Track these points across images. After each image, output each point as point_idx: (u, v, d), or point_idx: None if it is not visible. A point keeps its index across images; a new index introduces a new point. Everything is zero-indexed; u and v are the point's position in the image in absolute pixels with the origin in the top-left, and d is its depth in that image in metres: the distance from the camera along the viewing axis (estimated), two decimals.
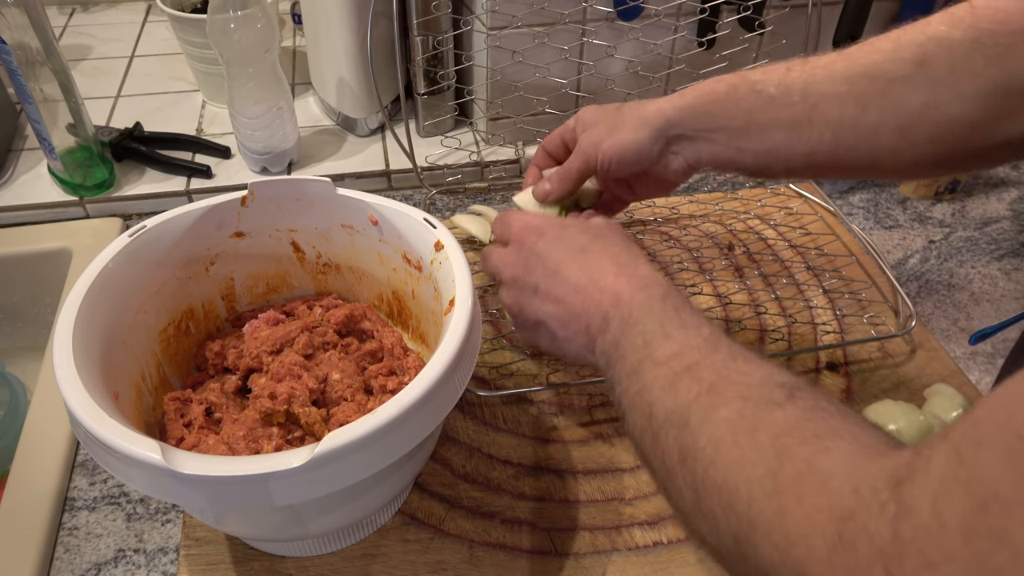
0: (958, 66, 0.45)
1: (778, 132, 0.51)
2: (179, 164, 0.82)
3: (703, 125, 0.54)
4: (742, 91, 0.52)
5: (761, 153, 0.53)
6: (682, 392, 0.37)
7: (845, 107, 0.49)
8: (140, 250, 0.50)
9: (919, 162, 0.48)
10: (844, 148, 0.50)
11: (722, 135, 0.54)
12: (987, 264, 0.77)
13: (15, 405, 0.70)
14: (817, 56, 0.51)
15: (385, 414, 0.39)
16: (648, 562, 0.52)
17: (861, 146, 0.49)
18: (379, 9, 0.78)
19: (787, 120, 0.51)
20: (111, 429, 0.38)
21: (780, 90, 0.51)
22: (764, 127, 0.52)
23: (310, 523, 0.46)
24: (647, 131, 0.55)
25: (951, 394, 0.60)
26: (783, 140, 0.52)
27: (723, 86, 0.53)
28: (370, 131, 0.89)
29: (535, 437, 0.59)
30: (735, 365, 0.37)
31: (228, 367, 0.55)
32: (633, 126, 0.56)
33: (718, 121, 0.53)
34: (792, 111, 0.51)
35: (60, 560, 0.52)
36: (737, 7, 0.80)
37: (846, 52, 0.50)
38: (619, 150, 0.56)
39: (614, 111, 0.58)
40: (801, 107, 0.50)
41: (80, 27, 1.08)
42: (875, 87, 0.48)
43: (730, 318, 0.69)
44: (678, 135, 0.55)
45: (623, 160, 0.56)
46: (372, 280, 0.59)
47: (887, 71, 0.47)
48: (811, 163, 0.52)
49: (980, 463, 0.23)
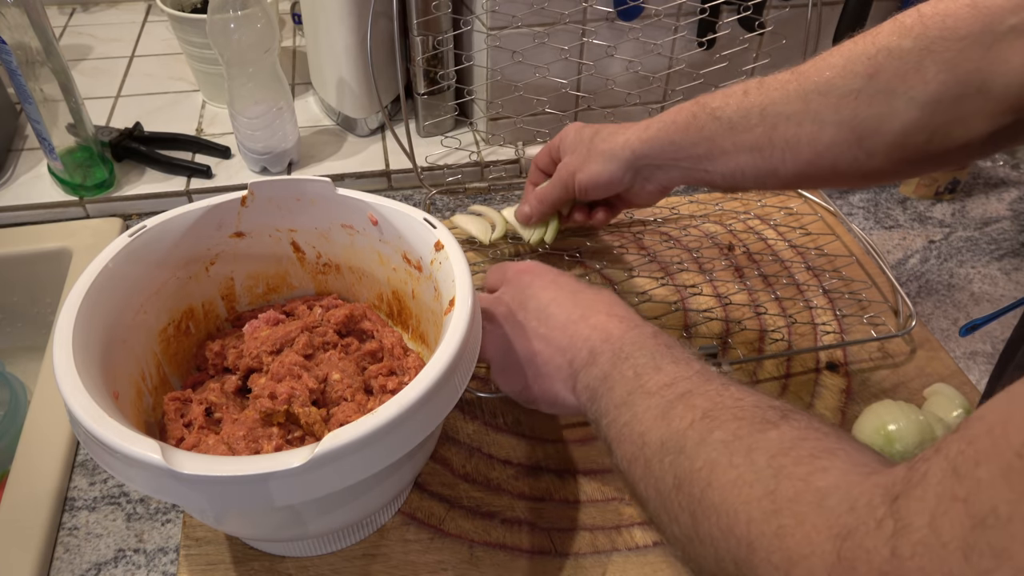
0: (910, 75, 0.45)
1: (741, 155, 0.53)
2: (179, 164, 0.82)
3: (668, 154, 0.57)
4: (702, 119, 0.55)
5: (728, 174, 0.55)
6: (676, 420, 0.37)
7: (802, 125, 0.50)
8: (140, 250, 0.50)
9: (881, 169, 0.49)
10: (805, 163, 0.51)
11: (688, 161, 0.57)
12: (987, 264, 0.77)
13: (15, 405, 0.70)
14: (772, 76, 0.52)
15: (385, 414, 0.39)
16: (648, 562, 0.52)
17: (822, 161, 0.50)
18: (379, 9, 0.78)
19: (748, 143, 0.53)
20: (111, 429, 0.38)
21: (739, 115, 0.53)
22: (727, 151, 0.54)
23: (310, 523, 0.46)
24: (615, 164, 0.60)
25: (951, 394, 0.60)
26: (747, 161, 0.53)
27: (684, 115, 0.56)
28: (370, 131, 0.89)
29: (535, 437, 0.59)
30: (728, 392, 0.37)
31: (228, 367, 0.55)
32: (603, 159, 0.60)
33: (682, 150, 0.56)
34: (752, 134, 0.52)
35: (60, 560, 0.52)
36: (737, 7, 0.80)
37: (799, 70, 0.51)
38: (591, 180, 0.61)
39: (589, 139, 0.62)
40: (761, 130, 0.52)
41: (80, 27, 1.08)
42: (828, 103, 0.49)
43: (730, 318, 0.69)
44: (646, 165, 0.59)
45: (596, 189, 0.62)
46: (372, 280, 0.59)
47: (839, 86, 0.48)
48: (777, 178, 0.53)
49: (978, 480, 0.23)
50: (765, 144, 0.52)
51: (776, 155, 0.52)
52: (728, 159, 0.54)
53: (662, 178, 0.60)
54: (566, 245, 0.76)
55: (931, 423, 0.56)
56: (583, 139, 0.63)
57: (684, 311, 0.70)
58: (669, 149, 0.57)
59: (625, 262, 0.74)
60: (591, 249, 0.76)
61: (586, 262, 0.74)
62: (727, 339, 0.67)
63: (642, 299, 0.70)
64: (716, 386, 0.38)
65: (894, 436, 0.55)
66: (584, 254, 0.75)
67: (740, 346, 0.67)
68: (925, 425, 0.55)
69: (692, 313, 0.69)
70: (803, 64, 0.51)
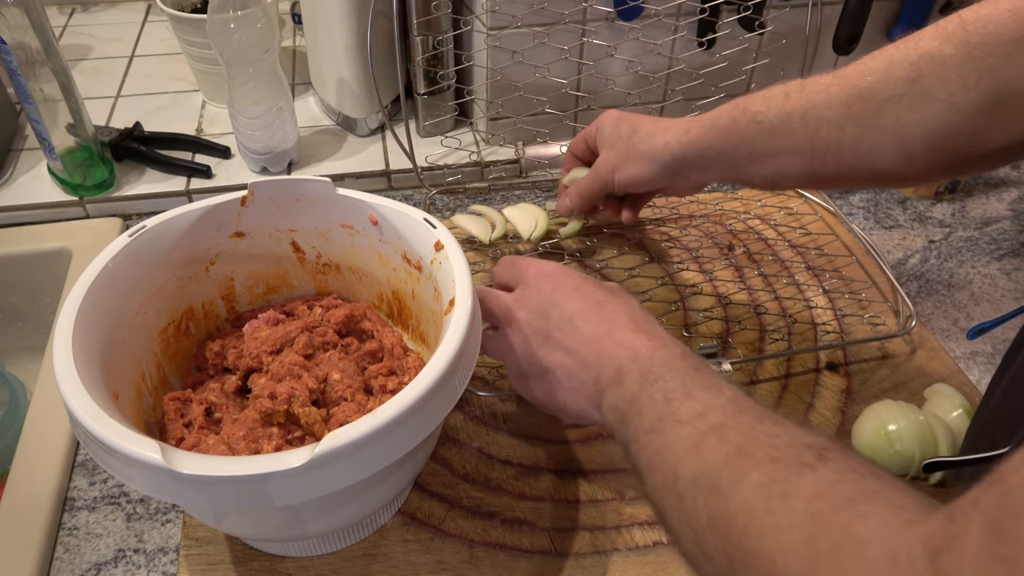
0: (951, 80, 0.46)
1: (782, 158, 0.54)
2: (179, 164, 0.82)
3: (708, 158, 0.58)
4: (743, 123, 0.55)
5: (768, 176, 0.56)
6: (709, 455, 0.36)
7: (844, 129, 0.50)
8: (140, 250, 0.50)
9: (920, 172, 0.50)
10: (846, 166, 0.51)
11: (728, 163, 0.57)
12: (987, 264, 0.77)
13: (15, 405, 0.70)
14: (814, 79, 0.53)
15: (385, 414, 0.39)
16: (648, 562, 0.52)
17: (862, 164, 0.51)
18: (379, 9, 0.78)
19: (789, 147, 0.53)
20: (111, 429, 0.38)
21: (781, 118, 0.53)
22: (768, 154, 0.54)
23: (310, 523, 0.46)
24: (654, 166, 0.61)
25: (951, 394, 0.60)
26: (788, 164, 0.54)
27: (724, 119, 0.56)
28: (370, 131, 0.89)
29: (535, 437, 0.59)
30: (762, 427, 0.36)
31: (228, 367, 0.55)
32: (643, 160, 0.61)
33: (723, 153, 0.57)
34: (793, 138, 0.53)
35: (60, 560, 0.52)
36: (737, 7, 0.80)
37: (841, 73, 0.51)
38: (630, 181, 0.63)
39: (628, 136, 0.63)
40: (802, 133, 0.52)
41: (80, 27, 1.08)
42: (870, 108, 0.49)
43: (730, 318, 0.69)
44: (685, 167, 0.60)
45: (635, 188, 0.64)
46: (372, 280, 0.59)
47: (881, 91, 0.49)
48: (816, 180, 0.54)
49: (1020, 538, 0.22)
50: (807, 148, 0.52)
51: (817, 158, 0.52)
52: (769, 162, 0.54)
53: (700, 177, 0.61)
54: (566, 244, 0.76)
55: (931, 423, 0.56)
56: (621, 135, 0.63)
57: (684, 311, 0.70)
58: (710, 152, 0.57)
59: (625, 262, 0.74)
60: (591, 249, 0.76)
61: (586, 262, 0.74)
62: (727, 339, 0.67)
63: (642, 299, 0.70)
64: (749, 419, 0.37)
65: (894, 436, 0.55)
66: (584, 254, 0.75)
67: (740, 346, 0.67)
68: (925, 425, 0.55)
69: (692, 313, 0.69)
70: (844, 68, 0.51)
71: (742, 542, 0.32)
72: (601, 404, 0.45)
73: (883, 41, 0.87)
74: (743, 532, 0.32)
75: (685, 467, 0.37)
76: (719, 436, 0.36)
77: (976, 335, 0.63)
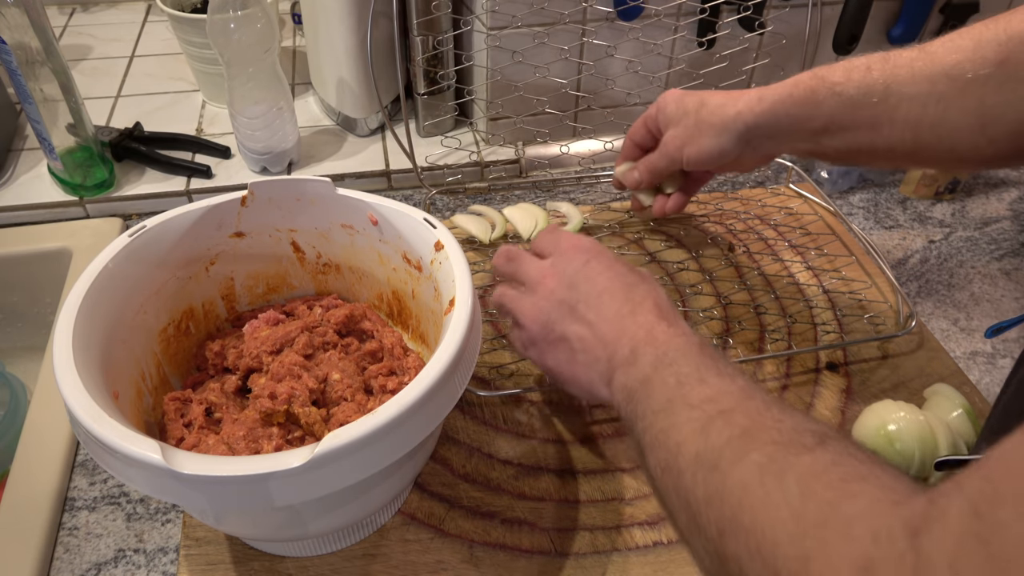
0: None
1: (860, 131, 0.53)
2: (179, 164, 0.82)
3: (783, 127, 0.56)
4: (822, 94, 0.54)
5: (842, 149, 0.54)
6: (714, 435, 0.36)
7: (927, 107, 0.49)
8: (140, 250, 0.50)
9: (1002, 155, 0.49)
10: (925, 145, 0.51)
11: (803, 134, 0.55)
12: (987, 264, 0.77)
13: (15, 405, 0.70)
14: (897, 52, 0.51)
15: (385, 414, 0.39)
16: (648, 562, 0.52)
17: (942, 143, 0.50)
18: (379, 9, 0.78)
19: (868, 120, 0.52)
20: (111, 429, 0.38)
21: (861, 91, 0.52)
22: (845, 127, 0.53)
23: (310, 523, 0.46)
24: (728, 136, 0.58)
25: (951, 394, 0.60)
26: (864, 138, 0.53)
27: (801, 89, 0.55)
28: (370, 131, 0.89)
29: (535, 437, 0.59)
30: (769, 413, 0.37)
31: (228, 367, 0.55)
32: (714, 131, 0.59)
33: (798, 123, 0.55)
34: (873, 111, 0.51)
35: (60, 560, 0.52)
36: (737, 7, 0.80)
37: (927, 49, 0.50)
38: (701, 155, 0.60)
39: (695, 110, 0.60)
40: (882, 107, 0.51)
41: (80, 27, 1.08)
42: (956, 87, 0.48)
43: (730, 318, 0.69)
44: (757, 136, 0.58)
45: (705, 162, 0.61)
46: (372, 280, 0.59)
47: (967, 70, 0.48)
48: (892, 156, 0.53)
49: (998, 520, 0.23)
50: (885, 122, 0.51)
51: (896, 134, 0.51)
52: (845, 135, 0.53)
53: (771, 148, 0.59)
54: None
55: (931, 423, 0.56)
56: (688, 111, 0.61)
57: (684, 311, 0.70)
58: (785, 121, 0.56)
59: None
60: None
61: None
62: (727, 339, 0.67)
63: None
64: (758, 404, 0.37)
65: (894, 436, 0.55)
66: None
67: (740, 346, 0.67)
68: (925, 425, 0.55)
69: (692, 313, 0.69)
70: (930, 43, 0.50)
71: (735, 516, 0.33)
72: (612, 381, 0.45)
73: (883, 41, 0.88)
74: (737, 507, 0.33)
75: (689, 445, 0.37)
76: (726, 419, 0.37)
77: (994, 334, 0.63)
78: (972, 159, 0.50)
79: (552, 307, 0.50)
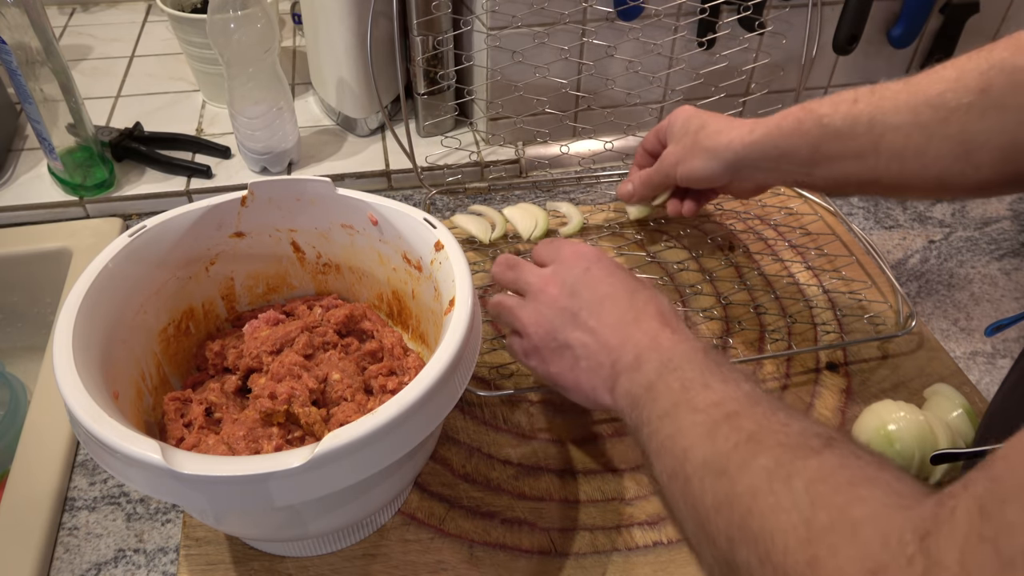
0: (1021, 90, 0.46)
1: (846, 162, 0.54)
2: (179, 164, 0.82)
3: (771, 158, 0.58)
4: (808, 125, 0.55)
5: (830, 179, 0.56)
6: (720, 440, 0.36)
7: (911, 136, 0.50)
8: (140, 250, 0.50)
9: (988, 183, 0.50)
10: (910, 174, 0.51)
11: (790, 165, 0.57)
12: (987, 264, 0.77)
13: (15, 405, 0.70)
14: (883, 85, 0.53)
15: (385, 414, 0.39)
16: (648, 562, 0.52)
17: (927, 172, 0.51)
18: (379, 9, 0.78)
19: (853, 151, 0.53)
20: (111, 429, 0.38)
21: (847, 123, 0.53)
22: (831, 158, 0.54)
23: (310, 523, 0.46)
24: (716, 163, 0.61)
25: (951, 394, 0.60)
26: (851, 168, 0.54)
27: (790, 121, 0.56)
28: (370, 131, 0.89)
29: (535, 437, 0.59)
30: (775, 417, 0.37)
31: (228, 367, 0.55)
32: (706, 157, 0.62)
33: (785, 155, 0.57)
34: (858, 142, 0.53)
35: (60, 560, 0.52)
36: (737, 7, 0.80)
37: (912, 81, 0.51)
38: (692, 175, 0.63)
39: (695, 132, 0.63)
40: (867, 138, 0.52)
41: (80, 27, 1.08)
42: (938, 116, 0.49)
43: (730, 318, 0.69)
44: (746, 166, 0.60)
45: (695, 183, 0.64)
46: (372, 280, 0.59)
47: (950, 100, 0.49)
48: (880, 186, 0.54)
49: (1005, 520, 0.23)
50: (870, 153, 0.52)
51: (881, 164, 0.52)
52: (832, 165, 0.55)
53: (760, 179, 0.61)
54: None
55: (931, 423, 0.56)
56: (689, 130, 0.63)
57: (684, 311, 0.70)
58: (772, 153, 0.57)
59: (625, 262, 0.74)
60: None
61: None
62: (727, 339, 0.67)
63: None
64: (764, 409, 0.37)
65: (894, 436, 0.55)
66: None
67: (740, 346, 0.67)
68: (925, 425, 0.55)
69: (692, 313, 0.69)
70: (915, 76, 0.52)
71: (744, 522, 0.33)
72: (615, 388, 0.46)
73: (883, 41, 0.88)
74: (746, 513, 0.33)
75: (696, 451, 0.37)
76: (732, 423, 0.37)
77: (993, 332, 0.63)
78: (959, 186, 0.51)
79: (554, 314, 0.50)
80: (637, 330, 0.46)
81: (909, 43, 0.87)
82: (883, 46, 0.88)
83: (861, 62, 0.89)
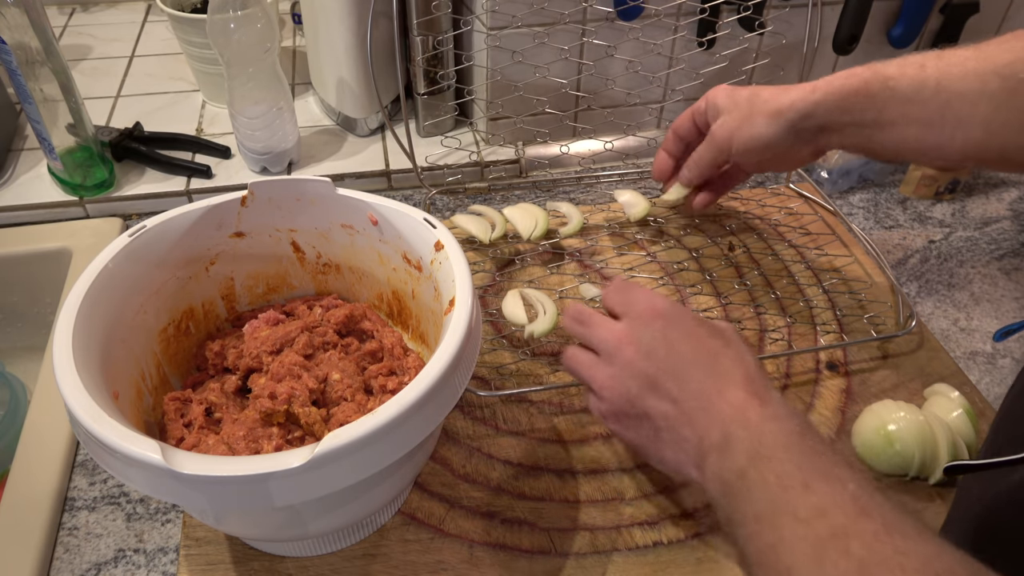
0: None
1: (910, 127, 0.52)
2: (179, 164, 0.82)
3: (835, 119, 0.56)
4: (875, 87, 0.53)
5: (891, 145, 0.54)
6: (829, 567, 0.34)
7: (977, 105, 0.49)
8: (140, 250, 0.50)
9: None
10: (974, 144, 0.50)
11: (854, 128, 0.55)
12: (987, 264, 0.77)
13: (15, 405, 0.70)
14: (952, 51, 0.51)
15: (385, 414, 0.39)
16: (648, 562, 0.52)
17: (991, 142, 0.50)
18: (379, 9, 0.78)
19: (918, 116, 0.52)
20: (111, 429, 0.38)
21: (913, 87, 0.52)
22: (896, 122, 0.53)
23: (310, 523, 0.46)
24: (780, 125, 0.58)
25: (951, 394, 0.60)
26: (914, 134, 0.52)
27: (856, 81, 0.54)
28: (370, 131, 0.89)
29: (535, 437, 0.59)
30: (890, 540, 0.34)
31: (228, 367, 0.55)
32: (766, 119, 0.58)
33: (850, 116, 0.55)
34: (924, 108, 0.51)
35: (60, 560, 0.52)
36: (737, 7, 0.80)
37: (982, 48, 0.50)
38: (751, 143, 0.60)
39: (746, 99, 0.60)
40: (933, 104, 0.51)
41: (80, 27, 1.08)
42: (1007, 86, 0.48)
43: (730, 318, 0.69)
44: (809, 127, 0.57)
45: (754, 150, 0.60)
46: (372, 280, 0.59)
47: (1020, 70, 0.48)
48: (941, 154, 0.52)
49: None
50: (936, 119, 0.51)
51: (946, 132, 0.51)
52: (895, 130, 0.53)
53: (821, 142, 0.58)
54: (566, 244, 0.76)
55: (931, 423, 0.56)
56: (739, 101, 0.61)
57: None
58: (836, 112, 0.55)
59: (625, 262, 0.74)
60: (591, 249, 0.76)
61: (586, 261, 0.74)
62: None
63: None
64: (876, 526, 0.34)
65: (894, 436, 0.55)
66: (584, 254, 0.75)
67: None
68: (925, 425, 0.55)
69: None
70: (986, 43, 0.50)
71: None
72: (704, 467, 0.43)
73: (883, 41, 0.88)
74: None
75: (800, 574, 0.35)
76: (840, 547, 0.34)
77: (1003, 337, 0.63)
78: (1019, 161, 0.50)
79: (631, 378, 0.47)
80: (721, 401, 0.43)
81: (909, 43, 0.88)
82: (883, 46, 0.88)
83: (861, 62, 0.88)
